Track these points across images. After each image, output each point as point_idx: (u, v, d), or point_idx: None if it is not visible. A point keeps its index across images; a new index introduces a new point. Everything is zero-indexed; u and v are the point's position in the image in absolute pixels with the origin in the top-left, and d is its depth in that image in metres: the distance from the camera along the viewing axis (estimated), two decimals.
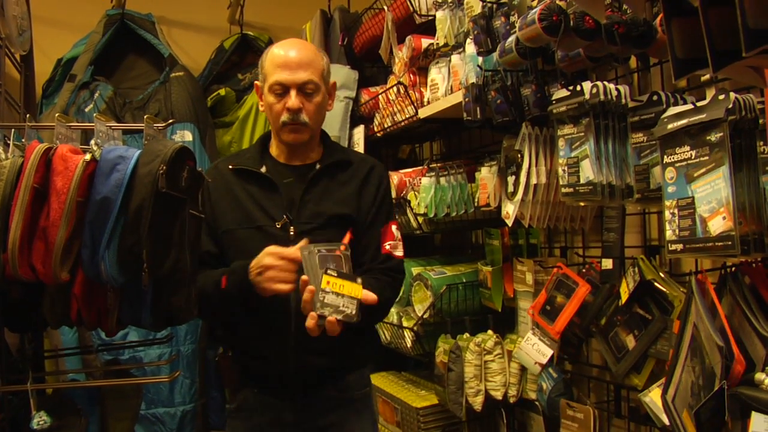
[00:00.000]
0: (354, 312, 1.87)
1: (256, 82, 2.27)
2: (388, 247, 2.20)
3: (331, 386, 2.15)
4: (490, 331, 2.73)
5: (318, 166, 2.19)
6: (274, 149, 2.27)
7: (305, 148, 2.23)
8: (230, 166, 2.22)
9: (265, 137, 2.33)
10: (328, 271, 1.87)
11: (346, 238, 2.08)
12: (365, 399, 2.26)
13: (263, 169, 2.19)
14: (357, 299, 1.88)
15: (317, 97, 2.16)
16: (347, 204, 2.17)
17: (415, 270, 3.06)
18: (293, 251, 1.95)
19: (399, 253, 2.22)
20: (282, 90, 2.13)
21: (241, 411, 2.19)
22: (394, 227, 2.23)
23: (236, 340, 2.19)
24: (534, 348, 2.45)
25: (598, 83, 1.85)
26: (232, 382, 2.17)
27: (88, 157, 1.72)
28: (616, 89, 1.87)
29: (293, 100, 2.11)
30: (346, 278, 1.88)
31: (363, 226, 2.18)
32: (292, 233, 2.10)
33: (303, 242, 1.97)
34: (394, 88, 3.18)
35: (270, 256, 1.97)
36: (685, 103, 1.70)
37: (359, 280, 1.91)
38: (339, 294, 1.87)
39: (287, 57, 2.14)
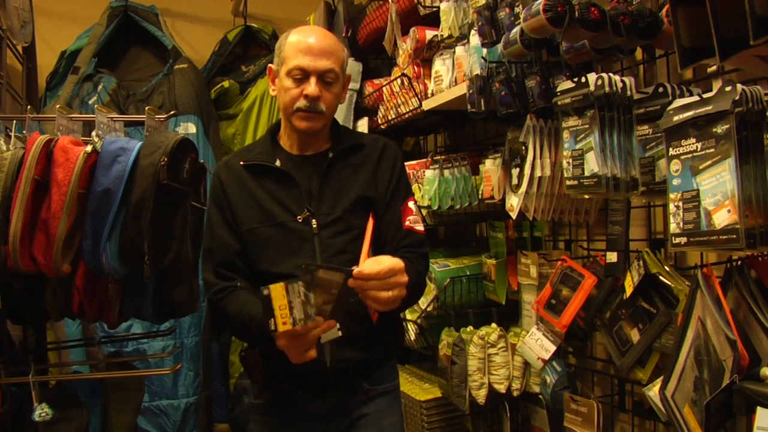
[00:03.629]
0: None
1: (270, 65, 2.20)
2: (408, 223, 2.15)
3: (363, 380, 2.13)
4: (493, 324, 2.72)
5: (331, 154, 2.15)
6: (285, 140, 2.21)
7: (317, 137, 2.18)
8: (241, 163, 2.15)
9: (274, 129, 2.27)
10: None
11: (369, 224, 2.06)
12: (394, 391, 2.24)
13: (278, 163, 2.13)
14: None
15: (336, 87, 2.12)
16: (366, 187, 2.13)
17: None
18: (301, 329, 1.79)
19: (420, 227, 2.17)
20: (302, 75, 2.06)
21: (270, 407, 2.15)
22: (411, 203, 2.19)
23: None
24: (537, 343, 2.44)
25: (604, 75, 1.84)
26: (260, 378, 2.14)
27: (89, 148, 1.72)
28: (622, 81, 1.85)
29: (313, 87, 2.05)
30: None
31: (382, 205, 2.14)
32: (314, 226, 2.07)
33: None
34: (398, 80, 3.17)
35: (282, 339, 1.83)
36: (691, 94, 1.68)
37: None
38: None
39: (310, 43, 2.08)
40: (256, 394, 2.20)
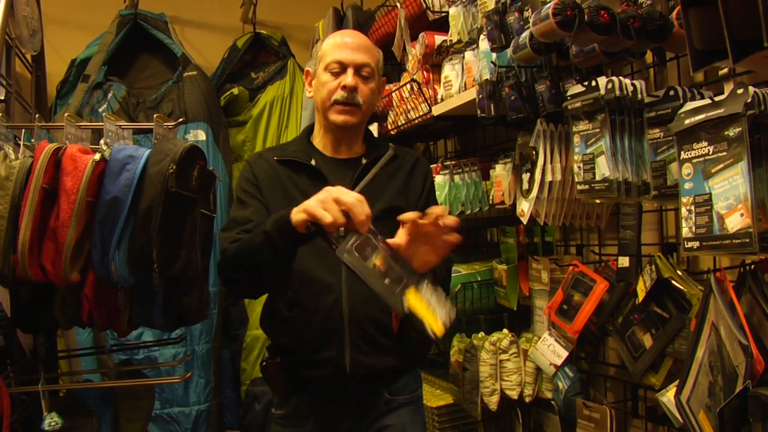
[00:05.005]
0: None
1: (307, 68, 2.25)
2: None
3: (385, 389, 2.12)
4: (505, 330, 2.71)
5: (365, 161, 2.16)
6: (318, 141, 2.22)
7: (351, 140, 2.20)
8: (275, 158, 2.16)
9: (308, 131, 2.28)
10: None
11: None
12: (417, 401, 2.22)
13: (312, 162, 2.14)
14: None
15: (372, 83, 2.15)
16: (396, 197, 2.14)
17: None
18: (353, 199, 1.71)
19: None
20: (340, 69, 2.10)
21: (291, 417, 2.14)
22: None
23: (287, 346, 2.12)
24: (550, 349, 2.43)
25: (614, 78, 1.83)
26: (281, 388, 2.13)
27: (97, 156, 1.72)
28: (632, 84, 1.84)
29: (351, 78, 2.08)
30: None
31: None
32: (342, 228, 2.06)
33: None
34: (408, 86, 3.16)
35: (326, 192, 1.73)
36: (703, 97, 1.67)
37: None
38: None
39: (347, 40, 2.14)
40: (276, 404, 2.19)
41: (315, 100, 2.19)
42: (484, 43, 2.45)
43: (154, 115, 1.93)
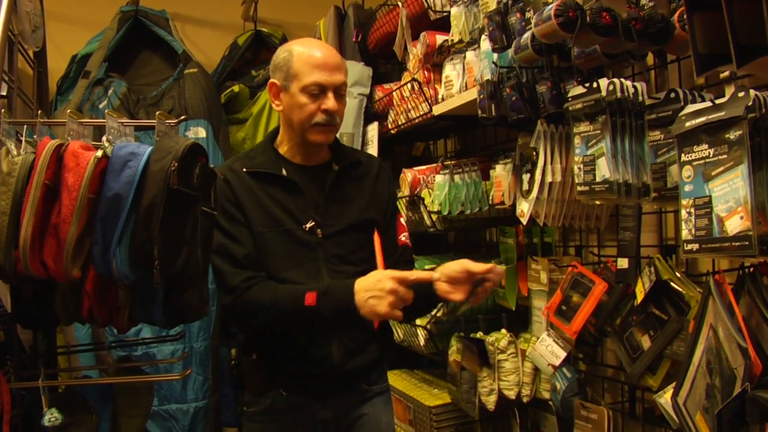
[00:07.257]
0: None
1: (272, 80, 2.20)
2: (403, 238, 2.28)
3: (361, 381, 2.21)
4: (503, 330, 2.71)
5: (336, 167, 2.21)
6: (287, 150, 2.24)
7: (322, 150, 2.25)
8: (244, 170, 2.18)
9: (273, 138, 2.30)
10: None
11: (377, 240, 2.15)
12: (387, 392, 2.32)
13: (284, 172, 2.18)
14: None
15: (345, 98, 2.18)
16: (369, 207, 2.22)
17: (429, 268, 3.03)
18: (413, 275, 1.95)
19: (409, 242, 2.32)
20: (319, 91, 2.10)
21: (267, 413, 2.17)
22: (402, 219, 2.33)
23: (273, 346, 2.16)
24: (548, 350, 2.43)
25: (615, 80, 1.83)
26: (256, 385, 2.16)
27: (99, 153, 1.71)
28: (633, 86, 1.84)
29: (332, 101, 2.10)
30: None
31: (384, 224, 2.24)
32: (319, 235, 2.12)
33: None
34: (408, 85, 3.16)
35: (391, 280, 1.90)
36: (704, 100, 1.67)
37: None
38: None
39: (324, 58, 2.12)
40: (248, 402, 2.22)
41: (288, 117, 2.18)
42: (485, 44, 2.45)
43: (156, 113, 1.93)
